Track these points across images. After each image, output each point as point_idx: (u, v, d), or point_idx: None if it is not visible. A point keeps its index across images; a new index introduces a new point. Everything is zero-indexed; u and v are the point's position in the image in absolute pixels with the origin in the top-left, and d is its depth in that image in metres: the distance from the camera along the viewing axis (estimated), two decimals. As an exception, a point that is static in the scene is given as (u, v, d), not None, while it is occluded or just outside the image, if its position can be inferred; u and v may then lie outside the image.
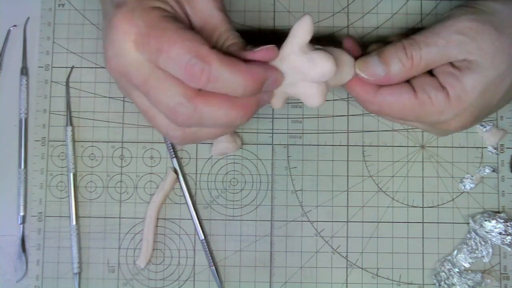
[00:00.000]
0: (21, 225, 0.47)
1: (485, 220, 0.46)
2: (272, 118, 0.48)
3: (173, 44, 0.33)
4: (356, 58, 0.39)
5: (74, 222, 0.47)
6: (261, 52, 0.35)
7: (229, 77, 0.33)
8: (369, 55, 0.39)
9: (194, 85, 0.34)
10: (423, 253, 0.47)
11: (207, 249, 0.46)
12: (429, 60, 0.38)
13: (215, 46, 0.36)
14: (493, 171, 0.47)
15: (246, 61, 0.35)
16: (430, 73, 0.39)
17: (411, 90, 0.38)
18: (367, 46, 0.42)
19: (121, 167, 0.47)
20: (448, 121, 0.39)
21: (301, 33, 0.35)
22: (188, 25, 0.37)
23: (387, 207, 0.47)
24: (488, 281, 0.46)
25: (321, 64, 0.35)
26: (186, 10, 0.37)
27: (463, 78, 0.37)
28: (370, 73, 0.38)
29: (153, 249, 0.47)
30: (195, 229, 0.47)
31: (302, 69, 0.36)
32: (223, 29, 0.37)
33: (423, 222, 0.47)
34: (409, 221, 0.47)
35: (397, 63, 0.38)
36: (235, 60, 0.34)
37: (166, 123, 0.37)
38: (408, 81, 0.39)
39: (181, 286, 0.47)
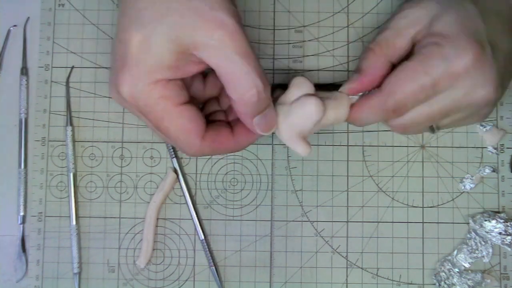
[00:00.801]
0: (21, 225, 0.47)
1: (485, 220, 0.46)
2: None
3: (170, 133, 0.36)
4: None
5: (74, 222, 0.47)
6: (260, 134, 0.38)
7: (220, 152, 0.39)
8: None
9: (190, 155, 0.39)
10: (423, 253, 0.47)
11: (207, 249, 0.46)
12: (387, 39, 0.39)
13: (233, 93, 0.35)
14: (493, 171, 0.47)
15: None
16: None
17: (405, 61, 0.38)
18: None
19: (121, 167, 0.47)
20: (459, 56, 0.36)
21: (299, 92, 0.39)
22: (196, 92, 0.39)
23: (387, 207, 0.47)
24: (488, 281, 0.46)
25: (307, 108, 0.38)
26: (201, 56, 0.34)
27: (434, 27, 0.38)
28: (349, 82, 0.40)
29: (153, 249, 0.47)
30: (195, 229, 0.47)
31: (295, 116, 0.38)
32: (243, 79, 0.34)
33: (423, 222, 0.47)
34: (409, 221, 0.47)
35: (362, 60, 0.40)
36: (224, 140, 0.38)
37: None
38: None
39: (181, 286, 0.47)
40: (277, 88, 0.40)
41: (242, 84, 0.34)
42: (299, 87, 0.38)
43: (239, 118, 0.37)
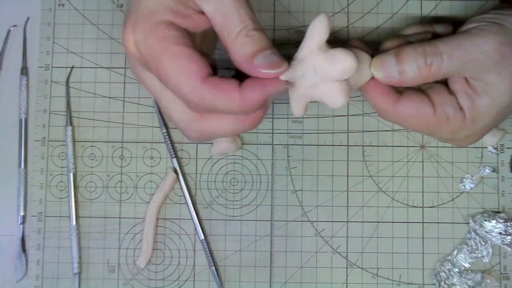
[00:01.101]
0: (21, 225, 0.47)
1: (485, 220, 0.46)
2: (272, 118, 0.48)
3: (169, 77, 0.34)
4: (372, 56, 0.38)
5: (74, 222, 0.47)
6: (264, 75, 0.34)
7: (224, 106, 0.34)
8: (386, 53, 0.38)
9: (195, 111, 0.35)
10: (423, 253, 0.47)
11: (207, 249, 0.46)
12: (448, 73, 0.37)
13: (228, 39, 0.34)
14: (493, 171, 0.47)
15: (246, 77, 0.34)
16: (446, 84, 0.39)
17: (431, 107, 0.38)
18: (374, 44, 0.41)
19: (121, 167, 0.47)
20: (459, 139, 0.40)
21: (317, 32, 0.35)
22: (196, 25, 0.35)
23: (387, 207, 0.47)
24: (488, 281, 0.46)
25: (342, 60, 0.34)
26: (197, 2, 0.35)
27: (480, 102, 0.37)
28: (385, 74, 0.37)
29: (153, 249, 0.47)
30: (195, 229, 0.47)
31: (324, 68, 0.35)
32: (236, 18, 0.34)
33: (423, 222, 0.47)
34: (409, 221, 0.47)
35: (414, 68, 0.37)
36: (228, 87, 0.33)
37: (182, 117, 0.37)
38: (426, 93, 0.39)
39: (181, 286, 0.47)
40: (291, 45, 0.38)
41: (236, 22, 0.34)
42: (320, 32, 0.35)
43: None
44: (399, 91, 0.39)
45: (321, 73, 0.35)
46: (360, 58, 0.37)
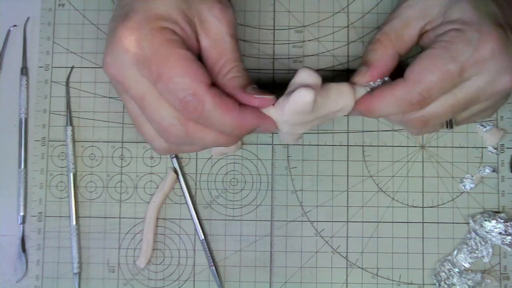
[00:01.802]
0: (21, 225, 0.47)
1: (485, 220, 0.46)
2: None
3: (172, 77, 0.34)
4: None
5: (74, 222, 0.47)
6: (258, 101, 0.36)
7: (220, 119, 0.35)
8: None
9: (186, 116, 0.35)
10: (423, 253, 0.47)
11: (207, 249, 0.46)
12: (396, 30, 0.38)
13: (219, 73, 0.36)
14: (493, 171, 0.47)
15: (242, 103, 0.36)
16: None
17: (429, 49, 0.37)
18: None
19: (121, 167, 0.47)
20: (484, 41, 0.35)
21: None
22: (195, 48, 0.36)
23: (387, 207, 0.47)
24: (488, 281, 0.46)
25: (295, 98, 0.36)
26: (197, 30, 0.36)
27: (452, 15, 0.37)
28: (357, 74, 0.39)
29: (153, 249, 0.47)
30: (195, 229, 0.47)
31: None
32: (230, 57, 0.37)
33: (423, 222, 0.47)
34: (409, 221, 0.47)
35: (370, 52, 0.39)
36: (230, 103, 0.35)
37: (153, 134, 0.37)
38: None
39: (181, 286, 0.47)
40: (277, 89, 0.40)
41: (230, 60, 0.36)
42: (303, 79, 0.37)
43: None
44: None
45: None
46: (338, 90, 0.38)
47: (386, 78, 0.39)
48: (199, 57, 0.36)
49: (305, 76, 0.36)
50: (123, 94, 0.37)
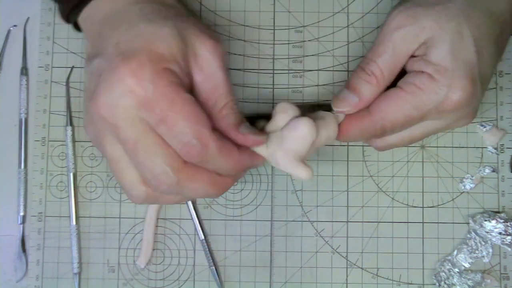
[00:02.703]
0: (21, 225, 0.47)
1: (485, 220, 0.46)
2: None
3: (177, 121, 0.33)
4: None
5: (74, 222, 0.47)
6: (252, 141, 0.37)
7: (221, 162, 0.35)
8: (339, 91, 0.40)
9: (186, 159, 0.35)
10: (423, 253, 0.47)
11: (207, 249, 0.46)
12: (389, 66, 0.39)
13: (213, 108, 0.37)
14: (493, 171, 0.47)
15: (238, 144, 0.37)
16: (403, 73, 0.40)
17: (398, 89, 0.39)
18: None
19: (121, 167, 0.47)
20: (451, 97, 0.37)
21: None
22: (188, 84, 0.36)
23: (387, 207, 0.47)
24: (488, 281, 0.46)
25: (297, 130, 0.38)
26: (191, 65, 0.36)
27: (431, 56, 0.37)
28: (346, 105, 0.39)
29: (153, 249, 0.47)
30: (195, 229, 0.47)
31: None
32: (223, 91, 0.37)
33: (423, 222, 0.47)
34: (409, 221, 0.47)
35: (363, 84, 0.39)
36: (231, 147, 0.36)
37: (134, 181, 0.36)
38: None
39: (181, 286, 0.47)
40: (260, 119, 0.40)
41: (223, 94, 0.37)
42: (286, 112, 0.38)
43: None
44: None
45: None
46: (324, 121, 0.39)
47: None
48: (192, 93, 0.36)
49: (284, 109, 0.39)
50: (104, 138, 0.36)
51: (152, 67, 0.33)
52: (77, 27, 0.43)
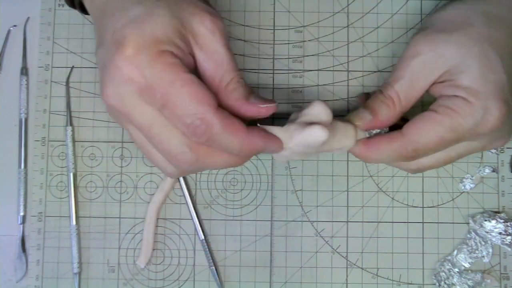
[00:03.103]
0: (21, 225, 0.47)
1: (485, 220, 0.46)
2: (273, 118, 0.48)
3: (179, 103, 0.33)
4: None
5: (74, 222, 0.47)
6: (264, 110, 0.36)
7: (228, 142, 0.35)
8: (358, 109, 0.40)
9: (194, 140, 0.34)
10: (423, 253, 0.47)
11: (207, 249, 0.46)
12: (406, 92, 0.39)
13: (219, 86, 0.36)
14: (493, 171, 0.47)
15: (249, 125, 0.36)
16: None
17: (431, 111, 0.38)
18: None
19: (121, 167, 0.47)
20: (487, 119, 0.37)
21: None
22: (192, 65, 0.36)
23: (387, 207, 0.47)
24: (488, 281, 0.46)
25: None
26: (191, 45, 0.36)
27: (461, 81, 0.37)
28: (358, 119, 0.40)
29: (153, 249, 0.47)
30: (195, 229, 0.47)
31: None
32: (228, 68, 0.36)
33: (423, 222, 0.47)
34: (409, 221, 0.47)
35: (380, 104, 0.39)
36: (237, 125, 0.35)
37: (163, 160, 0.37)
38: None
39: (181, 286, 0.47)
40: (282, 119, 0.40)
41: (228, 70, 0.36)
42: (317, 112, 0.38)
43: None
44: None
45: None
46: (342, 130, 0.39)
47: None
48: (196, 73, 0.36)
49: (319, 110, 0.37)
50: (126, 124, 0.37)
51: (147, 51, 0.33)
52: (84, 10, 0.42)
